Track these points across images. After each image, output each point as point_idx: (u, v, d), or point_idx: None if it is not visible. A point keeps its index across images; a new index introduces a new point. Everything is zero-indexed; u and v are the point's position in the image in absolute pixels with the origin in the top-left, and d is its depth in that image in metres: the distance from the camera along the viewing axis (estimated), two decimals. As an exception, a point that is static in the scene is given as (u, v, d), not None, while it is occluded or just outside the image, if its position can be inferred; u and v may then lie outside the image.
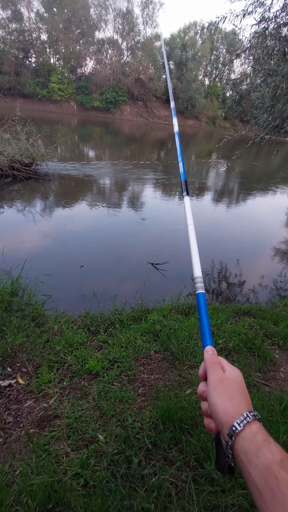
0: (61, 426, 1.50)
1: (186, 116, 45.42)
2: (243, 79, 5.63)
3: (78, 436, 1.43)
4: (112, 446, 1.35)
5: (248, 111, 6.76)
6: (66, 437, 1.43)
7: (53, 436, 1.43)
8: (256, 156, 20.85)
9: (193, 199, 8.77)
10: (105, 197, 7.89)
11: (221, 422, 0.41)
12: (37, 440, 1.39)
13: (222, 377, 0.45)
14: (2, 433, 1.50)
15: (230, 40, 47.16)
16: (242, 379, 0.45)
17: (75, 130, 24.33)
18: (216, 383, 0.45)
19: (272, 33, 4.45)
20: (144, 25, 43.23)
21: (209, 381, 0.46)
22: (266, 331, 2.75)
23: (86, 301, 3.32)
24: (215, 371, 0.47)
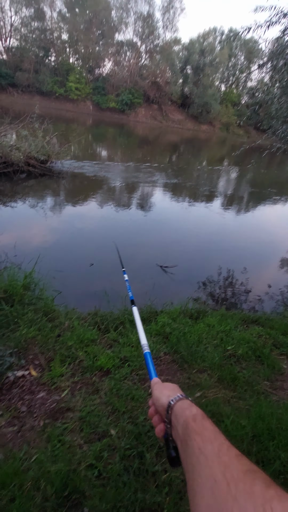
0: (73, 418, 1.54)
1: (200, 121, 45.44)
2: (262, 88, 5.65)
3: (91, 429, 1.47)
4: (124, 442, 1.38)
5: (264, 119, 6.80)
6: (79, 429, 1.47)
7: (66, 428, 1.48)
8: (269, 164, 20.76)
9: (202, 204, 8.79)
10: (115, 198, 7.97)
11: (162, 405, 0.51)
12: (51, 430, 1.44)
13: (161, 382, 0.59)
14: (17, 422, 1.55)
15: (249, 48, 47.12)
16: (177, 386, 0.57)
17: (89, 129, 24.60)
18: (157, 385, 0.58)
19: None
20: (164, 29, 43.52)
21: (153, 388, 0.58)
22: (275, 341, 2.75)
23: (95, 299, 3.37)
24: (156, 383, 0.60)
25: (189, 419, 0.43)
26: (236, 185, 12.99)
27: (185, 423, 0.43)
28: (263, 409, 1.67)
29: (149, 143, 22.75)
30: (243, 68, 49.93)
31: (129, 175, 10.45)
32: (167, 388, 0.55)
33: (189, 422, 0.43)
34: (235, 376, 2.08)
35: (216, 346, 2.51)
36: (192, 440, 0.39)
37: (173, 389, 0.55)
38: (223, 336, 2.68)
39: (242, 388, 1.97)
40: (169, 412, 0.48)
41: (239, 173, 15.44)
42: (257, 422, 1.55)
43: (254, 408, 1.69)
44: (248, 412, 1.68)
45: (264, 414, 1.61)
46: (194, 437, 0.40)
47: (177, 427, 0.45)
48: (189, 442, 0.40)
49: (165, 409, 0.50)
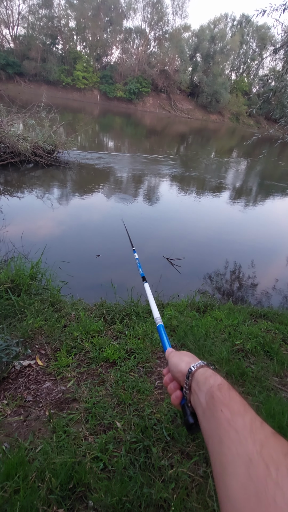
0: (79, 409, 1.53)
1: (209, 111, 44.38)
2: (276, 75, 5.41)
3: (96, 421, 1.45)
4: (130, 435, 1.36)
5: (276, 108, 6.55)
6: (85, 421, 1.46)
7: (72, 419, 1.46)
8: (280, 155, 20.20)
9: (210, 196, 8.62)
10: (122, 189, 7.87)
11: (181, 371, 0.50)
12: (57, 421, 1.42)
13: (179, 351, 0.59)
14: (23, 411, 1.54)
15: (261, 34, 45.41)
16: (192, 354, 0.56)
17: (96, 119, 24.27)
18: (175, 353, 0.58)
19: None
20: (173, 15, 42.41)
21: (170, 355, 0.57)
22: (284, 336, 2.69)
23: (101, 290, 3.34)
24: (173, 351, 0.60)
25: (214, 388, 0.42)
26: (245, 176, 12.69)
27: (209, 392, 0.41)
28: (273, 406, 1.63)
29: (157, 133, 22.35)
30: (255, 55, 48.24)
31: (137, 166, 10.30)
32: (186, 355, 0.54)
33: (214, 391, 0.41)
34: (243, 371, 2.04)
35: (224, 340, 2.46)
36: (218, 411, 0.37)
37: (192, 356, 0.54)
38: (231, 330, 2.63)
39: (250, 383, 1.93)
40: (190, 378, 0.47)
41: (249, 164, 15.07)
42: (267, 420, 1.50)
43: (264, 405, 1.64)
44: (258, 408, 1.64)
45: (275, 412, 1.57)
46: (220, 407, 0.38)
47: (198, 394, 0.44)
48: (216, 413, 0.38)
49: (185, 375, 0.49)
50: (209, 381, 0.44)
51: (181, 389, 0.51)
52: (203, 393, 0.42)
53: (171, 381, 0.54)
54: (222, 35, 43.81)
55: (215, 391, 0.41)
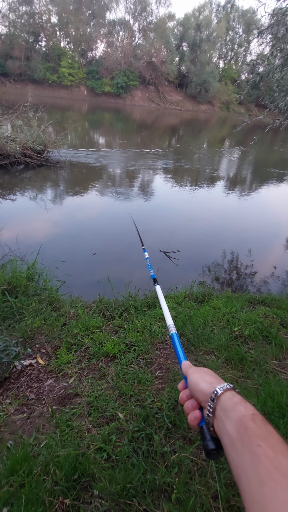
0: (81, 404, 1.55)
1: (199, 101, 43.92)
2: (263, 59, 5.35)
3: (99, 413, 1.47)
4: (132, 424, 1.38)
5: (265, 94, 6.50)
6: (87, 414, 1.48)
7: (75, 413, 1.48)
8: (272, 142, 20.10)
9: (204, 187, 8.60)
10: (116, 185, 7.83)
11: (203, 391, 0.47)
12: (60, 416, 1.45)
13: (198, 367, 0.54)
14: (26, 409, 1.56)
15: (247, 19, 44.74)
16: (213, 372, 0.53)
17: (85, 116, 24.00)
18: (195, 369, 0.54)
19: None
20: (157, 4, 41.69)
21: (190, 371, 0.53)
22: (282, 320, 2.71)
23: (99, 287, 3.35)
24: (192, 367, 0.56)
25: (247, 418, 0.38)
26: (238, 165, 12.64)
27: (241, 422, 0.38)
28: (272, 388, 1.66)
29: (148, 127, 22.16)
30: (242, 41, 47.62)
31: (129, 161, 10.23)
32: (209, 374, 0.51)
33: (246, 421, 0.38)
34: (242, 356, 2.06)
35: (222, 328, 2.48)
36: (255, 445, 0.35)
37: (215, 376, 0.51)
38: (229, 317, 2.65)
39: (250, 368, 1.95)
40: (215, 401, 0.44)
41: (241, 153, 14.99)
42: (266, 401, 1.53)
43: (263, 387, 1.67)
44: (257, 391, 1.67)
45: (274, 393, 1.60)
46: (258, 442, 0.35)
47: (225, 421, 0.40)
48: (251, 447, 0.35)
49: (208, 396, 0.45)
50: (239, 409, 0.40)
51: (199, 409, 0.48)
52: (232, 421, 0.39)
53: (188, 399, 0.51)
54: (207, 22, 43.13)
55: (249, 421, 0.38)
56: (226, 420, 0.40)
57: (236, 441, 0.37)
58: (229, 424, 0.39)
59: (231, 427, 0.39)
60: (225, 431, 0.40)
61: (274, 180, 10.40)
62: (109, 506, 1.06)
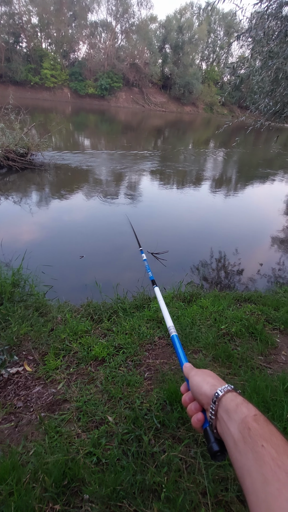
0: (70, 409, 1.54)
1: (183, 103, 44.43)
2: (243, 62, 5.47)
3: (88, 418, 1.47)
4: (121, 427, 1.39)
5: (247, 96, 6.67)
6: (76, 419, 1.47)
7: (64, 419, 1.47)
8: (255, 143, 20.59)
9: (191, 188, 8.71)
10: (102, 187, 7.81)
11: (205, 393, 0.47)
12: (48, 423, 1.44)
13: (199, 369, 0.55)
14: (14, 417, 1.54)
15: (228, 22, 45.68)
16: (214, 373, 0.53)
17: (69, 118, 23.78)
18: (196, 371, 0.54)
19: (272, 13, 4.30)
20: (138, 6, 41.92)
21: (191, 373, 0.53)
22: (267, 317, 2.79)
23: (87, 290, 3.34)
24: (194, 369, 0.56)
25: (249, 419, 0.39)
26: (223, 166, 12.87)
27: (244, 422, 0.38)
28: (257, 383, 1.70)
29: (133, 129, 22.20)
30: (223, 44, 48.53)
31: (115, 163, 10.22)
32: (210, 376, 0.51)
33: (249, 422, 0.38)
34: (229, 353, 2.11)
35: (210, 326, 2.53)
36: (259, 445, 0.35)
37: (217, 377, 0.51)
38: (217, 316, 2.70)
39: (236, 364, 2.00)
40: (216, 403, 0.44)
41: (226, 153, 15.28)
42: (252, 396, 1.57)
43: (249, 383, 1.72)
44: (243, 387, 1.71)
45: (259, 388, 1.64)
46: (261, 442, 0.35)
47: (227, 422, 0.41)
48: (255, 447, 0.35)
49: (209, 398, 0.46)
50: (241, 410, 0.41)
51: (202, 411, 0.48)
52: (235, 423, 0.39)
53: (191, 401, 0.51)
54: (189, 25, 43.74)
55: (251, 422, 0.38)
56: (228, 421, 0.41)
57: (239, 442, 0.37)
58: (232, 426, 0.40)
59: (234, 428, 0.39)
60: (228, 432, 0.40)
61: (258, 179, 10.66)
62: (99, 509, 1.06)
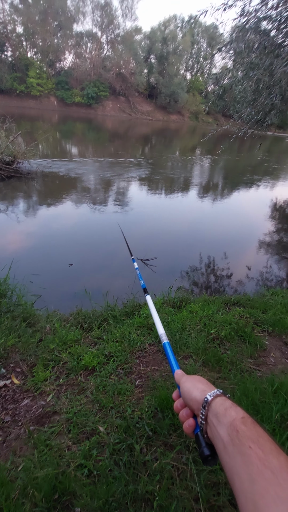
0: (60, 421, 1.51)
1: (169, 111, 45.34)
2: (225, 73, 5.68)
3: (79, 429, 1.45)
4: (113, 437, 1.38)
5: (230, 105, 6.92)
6: (67, 431, 1.45)
7: (54, 432, 1.45)
8: (239, 150, 21.19)
9: (179, 194, 8.84)
10: (90, 194, 7.82)
11: (196, 399, 0.48)
12: (38, 436, 1.40)
13: (190, 375, 0.56)
14: (1, 432, 1.49)
15: (210, 34, 47.31)
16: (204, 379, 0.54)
17: (56, 126, 23.79)
18: (187, 377, 0.55)
19: (252, 27, 4.51)
20: (123, 18, 42.84)
21: (182, 380, 0.54)
22: (256, 319, 2.84)
23: (77, 299, 3.31)
24: (184, 375, 0.57)
25: (237, 422, 0.39)
26: (210, 172, 13.16)
27: (232, 425, 0.39)
28: (247, 386, 1.73)
29: (120, 136, 22.43)
30: (207, 55, 50.12)
31: (102, 171, 10.27)
32: (200, 382, 0.51)
33: (237, 424, 0.39)
34: (219, 357, 2.13)
35: (199, 331, 2.55)
36: (246, 447, 0.35)
37: (207, 383, 0.51)
38: (206, 320, 2.73)
39: (226, 368, 2.02)
40: (206, 408, 0.45)
41: (212, 160, 15.64)
42: (241, 399, 1.59)
43: (238, 386, 1.74)
44: (233, 390, 1.73)
45: (248, 391, 1.67)
46: (248, 443, 0.36)
47: (217, 426, 0.41)
48: (243, 449, 0.36)
49: (200, 404, 0.46)
50: (230, 413, 0.41)
51: (193, 417, 0.49)
52: (224, 426, 0.40)
53: (182, 407, 0.51)
54: (173, 36, 45.00)
55: (239, 425, 0.39)
56: (218, 425, 0.41)
57: (228, 445, 0.38)
58: (221, 429, 0.40)
59: (223, 432, 0.40)
60: (218, 436, 0.40)
61: (243, 185, 10.95)
62: (91, 523, 1.04)
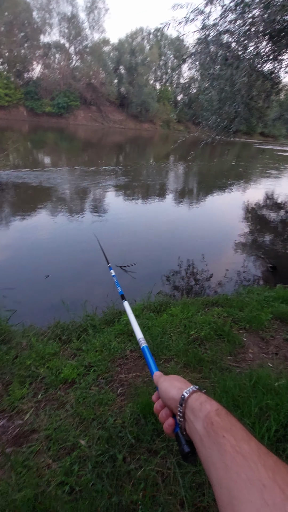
0: (39, 439, 1.45)
1: (141, 120, 46.21)
2: (191, 83, 5.92)
3: (59, 445, 1.39)
4: (95, 449, 1.34)
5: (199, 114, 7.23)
6: (46, 449, 1.38)
7: (32, 451, 1.38)
8: (211, 156, 22.01)
9: (156, 200, 8.97)
10: (65, 204, 7.71)
11: (173, 397, 0.48)
12: (15, 458, 1.33)
13: (168, 375, 0.56)
14: (-25, 459, 1.39)
15: (176, 46, 49.22)
16: (182, 378, 0.55)
17: (27, 136, 23.35)
18: (164, 378, 0.55)
19: (213, 40, 4.76)
20: (91, 30, 43.19)
21: (160, 381, 0.55)
22: (234, 318, 2.92)
23: (54, 311, 3.22)
24: (162, 376, 0.57)
25: (212, 414, 0.40)
26: (184, 178, 13.52)
27: (207, 418, 0.40)
28: (227, 383, 1.76)
29: (94, 145, 22.46)
30: (174, 66, 52.01)
31: (77, 179, 10.19)
32: (177, 380, 0.52)
33: (212, 416, 0.40)
34: (200, 358, 2.16)
35: (180, 333, 2.57)
36: (220, 436, 0.36)
37: (183, 381, 0.51)
38: (186, 322, 2.76)
39: (207, 367, 2.05)
40: (183, 405, 0.45)
41: (186, 166, 16.09)
42: (222, 396, 1.62)
43: (219, 384, 1.77)
44: (214, 389, 1.75)
45: (228, 387, 1.70)
46: (222, 433, 0.36)
47: (194, 421, 0.42)
48: (217, 439, 0.36)
49: (177, 402, 0.46)
50: (205, 407, 0.42)
51: (173, 416, 0.49)
52: (200, 420, 0.41)
53: (162, 408, 0.52)
54: (141, 48, 46.27)
55: (214, 417, 0.39)
56: (195, 420, 0.42)
57: (204, 437, 0.38)
58: (198, 423, 0.41)
59: (200, 425, 0.40)
60: (195, 430, 0.41)
61: (217, 189, 11.35)
62: None
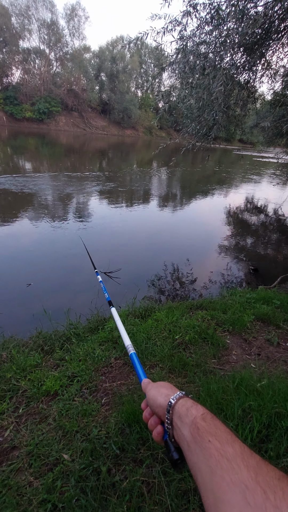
0: (20, 456, 1.39)
1: (123, 126, 46.59)
2: (171, 91, 6.06)
3: (41, 461, 1.34)
4: (78, 462, 1.30)
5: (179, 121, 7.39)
6: (28, 466, 1.33)
7: (13, 469, 1.31)
8: (193, 162, 22.48)
9: (140, 206, 9.01)
10: (47, 210, 7.58)
11: (161, 405, 0.48)
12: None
13: (155, 383, 0.56)
14: None
15: (156, 55, 50.27)
16: (170, 384, 0.55)
17: (7, 142, 22.87)
18: (152, 385, 0.55)
19: (191, 50, 4.91)
20: (71, 37, 43.25)
21: (147, 388, 0.55)
22: (217, 320, 2.96)
23: (36, 320, 3.12)
24: (150, 383, 0.57)
25: (198, 419, 0.40)
26: (168, 183, 13.69)
27: (193, 423, 0.40)
28: (211, 386, 1.77)
29: (76, 151, 22.33)
30: (155, 74, 53.08)
31: (60, 185, 10.06)
32: (164, 387, 0.51)
33: (198, 421, 0.40)
34: (185, 362, 2.17)
35: (165, 338, 2.57)
36: (206, 441, 0.36)
37: (170, 387, 0.51)
38: (171, 327, 2.77)
39: (192, 371, 2.06)
40: (170, 412, 0.45)
41: (169, 172, 16.33)
42: (206, 400, 1.63)
43: (203, 388, 1.78)
44: (198, 392, 1.76)
45: (212, 391, 1.71)
46: (208, 438, 0.37)
47: (181, 428, 0.42)
48: (203, 444, 0.36)
49: (165, 409, 0.46)
50: (191, 412, 0.42)
51: (161, 424, 0.49)
52: (187, 426, 0.41)
53: (150, 416, 0.51)
54: (121, 56, 46.85)
55: (200, 422, 0.40)
56: (182, 426, 0.42)
57: (191, 443, 0.39)
58: (185, 429, 0.41)
59: (186, 431, 0.40)
60: (182, 437, 0.41)
61: (200, 194, 11.58)
62: None
